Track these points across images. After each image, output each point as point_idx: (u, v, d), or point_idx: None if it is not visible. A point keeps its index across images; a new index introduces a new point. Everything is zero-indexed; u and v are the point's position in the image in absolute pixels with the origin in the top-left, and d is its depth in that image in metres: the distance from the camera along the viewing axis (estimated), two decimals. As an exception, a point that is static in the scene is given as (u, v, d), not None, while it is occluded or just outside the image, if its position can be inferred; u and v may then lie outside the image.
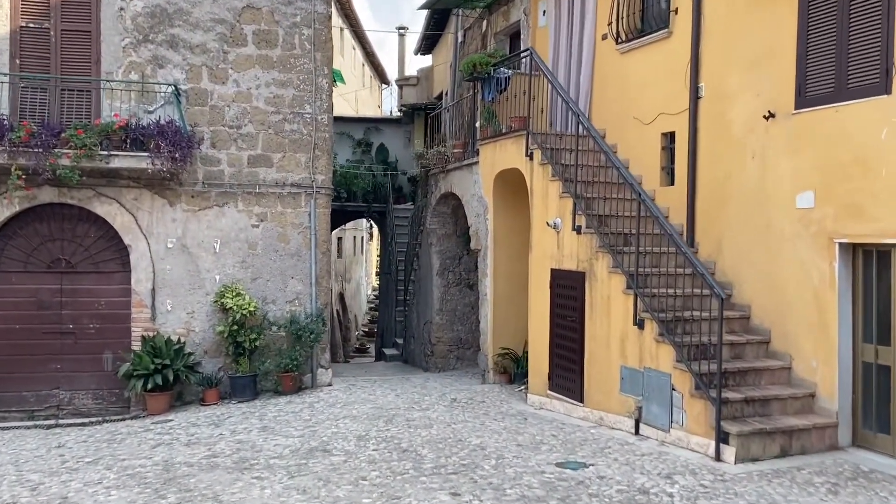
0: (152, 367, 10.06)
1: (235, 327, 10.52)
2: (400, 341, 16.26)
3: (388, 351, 16.71)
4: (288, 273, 11.14)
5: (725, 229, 7.93)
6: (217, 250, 10.87)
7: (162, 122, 10.05)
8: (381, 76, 37.19)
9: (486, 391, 10.50)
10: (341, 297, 27.43)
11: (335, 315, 25.85)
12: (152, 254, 10.59)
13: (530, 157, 9.43)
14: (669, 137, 8.81)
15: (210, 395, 10.57)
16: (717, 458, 6.44)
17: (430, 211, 13.34)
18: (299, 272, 11.18)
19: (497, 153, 10.45)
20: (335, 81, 17.22)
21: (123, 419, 10.17)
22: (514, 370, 10.82)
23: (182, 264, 10.73)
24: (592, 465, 6.49)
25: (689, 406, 6.79)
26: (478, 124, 11.06)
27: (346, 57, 28.87)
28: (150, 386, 10.03)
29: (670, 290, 7.48)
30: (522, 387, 10.34)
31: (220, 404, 10.45)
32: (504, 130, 10.23)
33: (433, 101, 19.21)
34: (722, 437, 6.44)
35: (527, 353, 10.64)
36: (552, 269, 8.94)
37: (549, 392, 8.99)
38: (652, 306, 7.31)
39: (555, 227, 8.81)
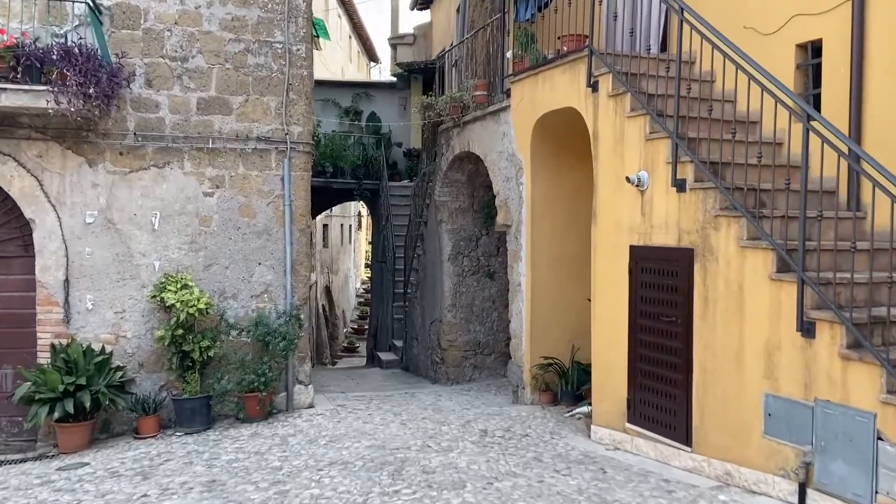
0: (61, 388, 7.17)
1: (180, 331, 7.64)
2: (399, 344, 13.43)
3: (384, 356, 13.87)
4: (253, 258, 8.27)
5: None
6: (156, 227, 7.97)
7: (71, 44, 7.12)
8: (370, 52, 34.21)
9: (524, 417, 7.68)
10: (328, 290, 24.55)
11: (321, 311, 22.98)
12: (64, 232, 7.68)
13: (594, 87, 6.61)
14: (810, 50, 6.00)
15: (146, 426, 7.69)
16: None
17: (439, 179, 10.48)
18: (269, 257, 8.31)
19: (539, 90, 7.63)
20: (317, 36, 14.32)
21: (25, 460, 7.29)
22: (560, 387, 8.03)
23: (107, 246, 7.83)
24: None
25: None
26: (508, 55, 8.23)
27: (332, 26, 25.89)
28: (57, 414, 7.15)
29: (844, 275, 4.69)
30: (576, 411, 7.54)
31: (160, 437, 7.59)
32: (550, 57, 7.40)
33: (433, 61, 16.30)
34: None
35: (579, 363, 7.88)
36: (633, 247, 6.14)
37: (627, 426, 6.19)
38: (831, 301, 4.51)
39: (638, 183, 6.00)
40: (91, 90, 7.05)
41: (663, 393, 5.80)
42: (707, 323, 5.37)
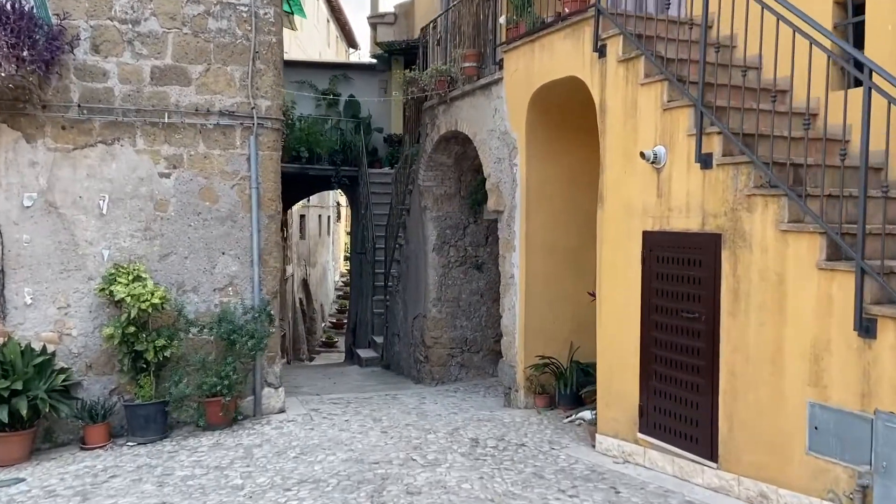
0: (-6, 393, 6.28)
1: (132, 329, 6.76)
2: (379, 340, 12.60)
3: (363, 353, 13.04)
4: (216, 247, 7.40)
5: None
6: (104, 212, 7.07)
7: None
8: (349, 38, 33.19)
9: (518, 423, 6.92)
10: (305, 283, 23.65)
11: (298, 305, 22.08)
12: (-2, 216, 6.76)
13: (601, 52, 5.83)
14: (850, 7, 5.26)
15: (94, 435, 6.81)
16: None
17: (423, 162, 9.65)
18: (234, 245, 7.45)
19: (536, 59, 6.84)
20: (291, 13, 13.40)
21: (-49, 476, 6.37)
22: (558, 389, 7.27)
23: (48, 233, 6.92)
24: None
25: None
26: (501, 20, 7.42)
27: (309, 9, 24.89)
28: (-11, 425, 6.26)
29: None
30: (577, 417, 6.78)
31: (109, 447, 6.73)
32: (549, 21, 6.61)
33: (415, 40, 15.43)
34: None
35: (578, 363, 7.14)
36: (646, 233, 5.38)
37: (639, 436, 5.44)
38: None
39: (653, 160, 5.24)
40: (25, 53, 6.15)
41: (683, 399, 5.06)
42: (737, 320, 4.63)
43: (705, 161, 4.82)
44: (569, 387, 7.16)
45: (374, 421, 7.25)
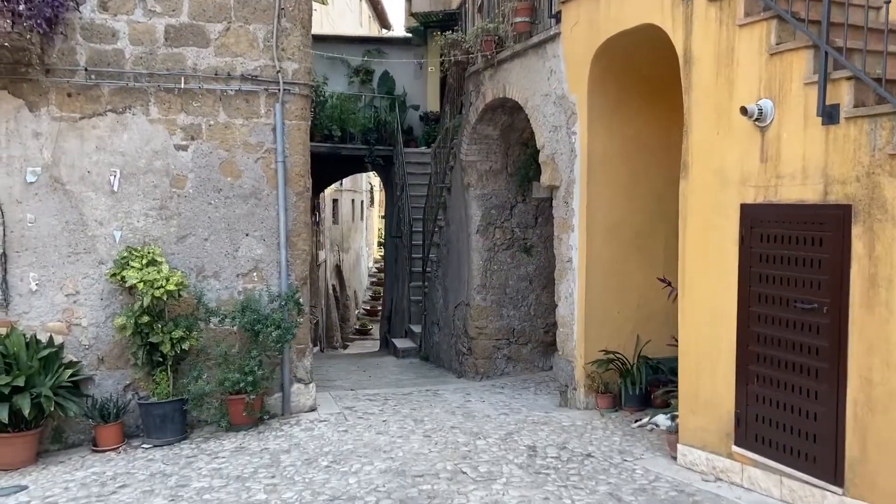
0: (-7, 391, 5.63)
1: (146, 319, 6.06)
2: (417, 329, 11.80)
3: (399, 343, 12.25)
4: (239, 227, 6.65)
5: None
6: (115, 188, 6.37)
7: (-6, -53, 5.47)
8: (381, 18, 32.27)
9: (580, 427, 6.05)
10: (338, 269, 23.01)
11: (331, 292, 21.45)
12: (-1, 193, 6.09)
13: (686, -9, 4.88)
14: None
15: (106, 436, 6.15)
16: None
17: (466, 134, 8.76)
18: (259, 226, 6.69)
19: (601, 8, 5.91)
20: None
21: (-49, 481, 5.75)
22: (623, 388, 6.38)
23: (54, 212, 6.23)
24: None
25: None
26: (560, -34, 6.48)
27: (341, -14, 24.05)
28: (-11, 425, 5.62)
29: None
30: (649, 421, 5.90)
31: (122, 449, 6.08)
32: (618, -39, 5.68)
33: (453, 11, 14.48)
34: None
35: (647, 358, 6.24)
36: (746, 207, 4.44)
37: (735, 449, 4.54)
38: None
39: (757, 116, 4.29)
40: (21, 7, 5.44)
41: (795, 408, 4.14)
42: (874, 314, 3.69)
43: (830, 114, 3.87)
44: (637, 386, 6.27)
45: (414, 422, 6.46)
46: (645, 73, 6.08)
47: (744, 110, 4.32)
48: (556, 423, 6.25)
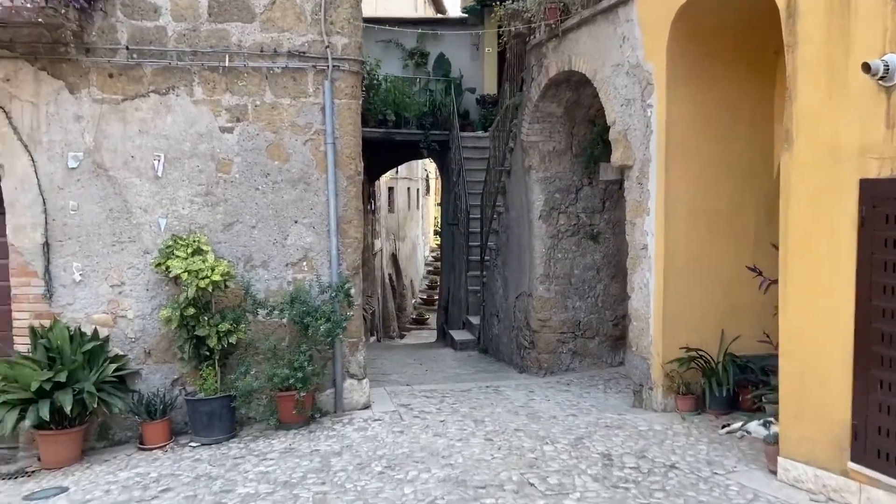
0: (36, 385, 5.39)
1: (192, 311, 5.73)
2: (475, 321, 11.31)
3: (457, 335, 11.78)
4: (288, 214, 6.26)
5: None
6: (159, 174, 6.05)
7: (28, -82, 5.18)
8: (437, 4, 31.72)
9: (659, 433, 5.45)
10: (394, 259, 22.72)
11: (388, 281, 21.16)
12: (41, 180, 5.84)
13: (791, -67, 4.19)
14: None
15: (152, 433, 5.87)
16: None
17: (528, 113, 8.17)
18: (308, 213, 6.29)
19: (684, -37, 5.25)
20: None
21: (-2, 478, 5.57)
22: (708, 389, 5.74)
23: (97, 199, 5.96)
24: None
25: None
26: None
27: (395, -31, 23.58)
28: (29, 422, 5.39)
29: None
30: (740, 427, 5.25)
31: (169, 447, 5.80)
32: None
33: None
34: None
35: (734, 356, 5.59)
36: (868, 183, 3.77)
37: (851, 466, 3.89)
38: None
39: (882, 73, 3.61)
40: (60, -21, 5.12)
41: (932, 423, 3.47)
42: None
43: None
44: (723, 387, 5.63)
45: (474, 423, 5.97)
46: (732, 35, 5.40)
47: (866, 67, 3.64)
48: (631, 426, 5.66)
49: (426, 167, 27.75)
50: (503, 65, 12.36)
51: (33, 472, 5.62)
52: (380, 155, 13.97)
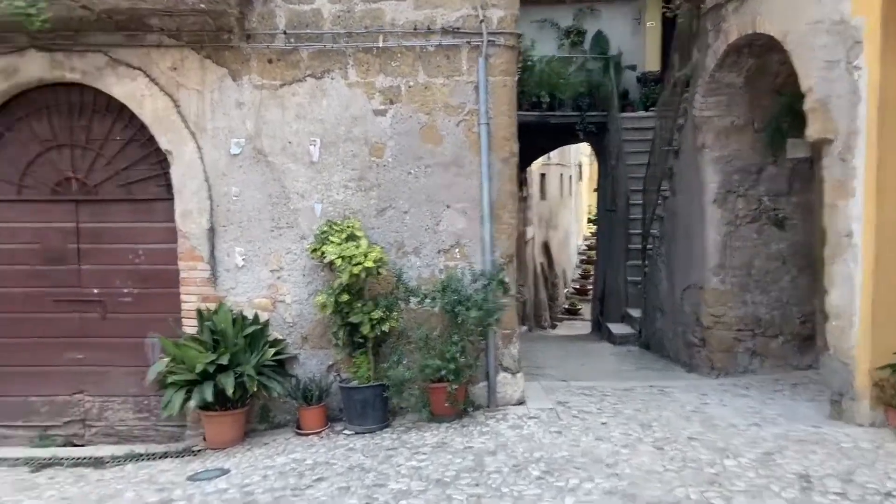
0: (201, 367, 5.54)
1: (346, 297, 5.64)
2: (635, 314, 10.58)
3: (615, 328, 11.12)
4: (440, 199, 6.02)
5: None
6: (315, 159, 6.02)
7: None
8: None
9: (867, 452, 4.61)
10: (546, 247, 22.21)
11: (539, 270, 20.70)
12: (206, 166, 6.00)
13: None
14: None
15: (309, 419, 5.89)
16: None
17: (702, 84, 7.35)
18: (461, 197, 6.01)
19: None
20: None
21: (166, 454, 5.83)
22: (931, 405, 4.80)
23: (258, 185, 6.04)
24: None
25: None
26: None
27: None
28: (194, 403, 5.55)
29: None
30: (978, 455, 4.30)
31: (325, 434, 5.78)
32: None
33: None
34: None
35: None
36: None
37: None
38: None
39: None
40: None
41: None
42: None
43: None
44: (952, 403, 4.66)
45: (641, 427, 5.42)
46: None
47: None
48: (830, 442, 4.85)
49: (579, 152, 26.86)
50: (667, 38, 11.44)
51: (199, 451, 5.81)
52: (534, 140, 13.50)
